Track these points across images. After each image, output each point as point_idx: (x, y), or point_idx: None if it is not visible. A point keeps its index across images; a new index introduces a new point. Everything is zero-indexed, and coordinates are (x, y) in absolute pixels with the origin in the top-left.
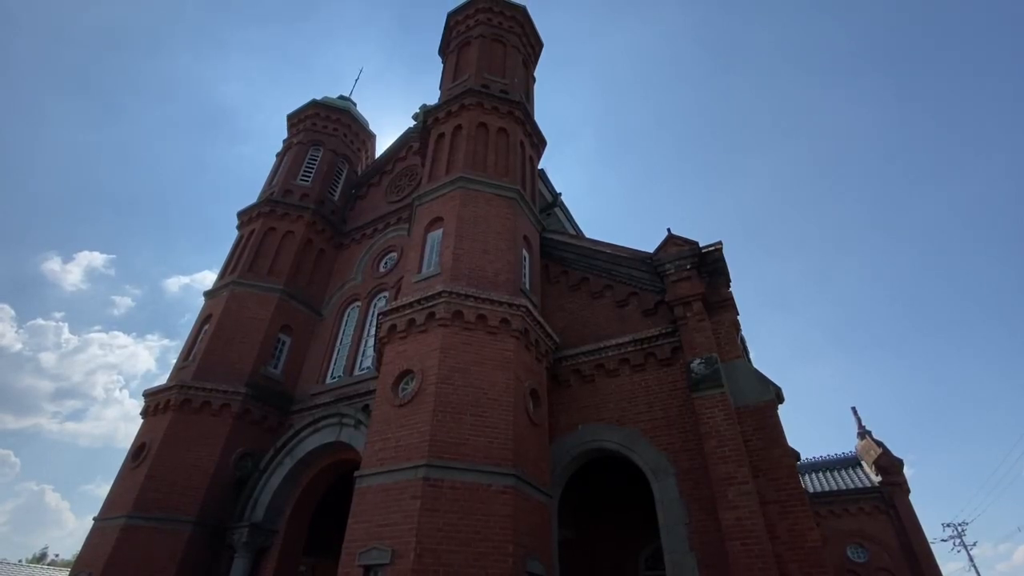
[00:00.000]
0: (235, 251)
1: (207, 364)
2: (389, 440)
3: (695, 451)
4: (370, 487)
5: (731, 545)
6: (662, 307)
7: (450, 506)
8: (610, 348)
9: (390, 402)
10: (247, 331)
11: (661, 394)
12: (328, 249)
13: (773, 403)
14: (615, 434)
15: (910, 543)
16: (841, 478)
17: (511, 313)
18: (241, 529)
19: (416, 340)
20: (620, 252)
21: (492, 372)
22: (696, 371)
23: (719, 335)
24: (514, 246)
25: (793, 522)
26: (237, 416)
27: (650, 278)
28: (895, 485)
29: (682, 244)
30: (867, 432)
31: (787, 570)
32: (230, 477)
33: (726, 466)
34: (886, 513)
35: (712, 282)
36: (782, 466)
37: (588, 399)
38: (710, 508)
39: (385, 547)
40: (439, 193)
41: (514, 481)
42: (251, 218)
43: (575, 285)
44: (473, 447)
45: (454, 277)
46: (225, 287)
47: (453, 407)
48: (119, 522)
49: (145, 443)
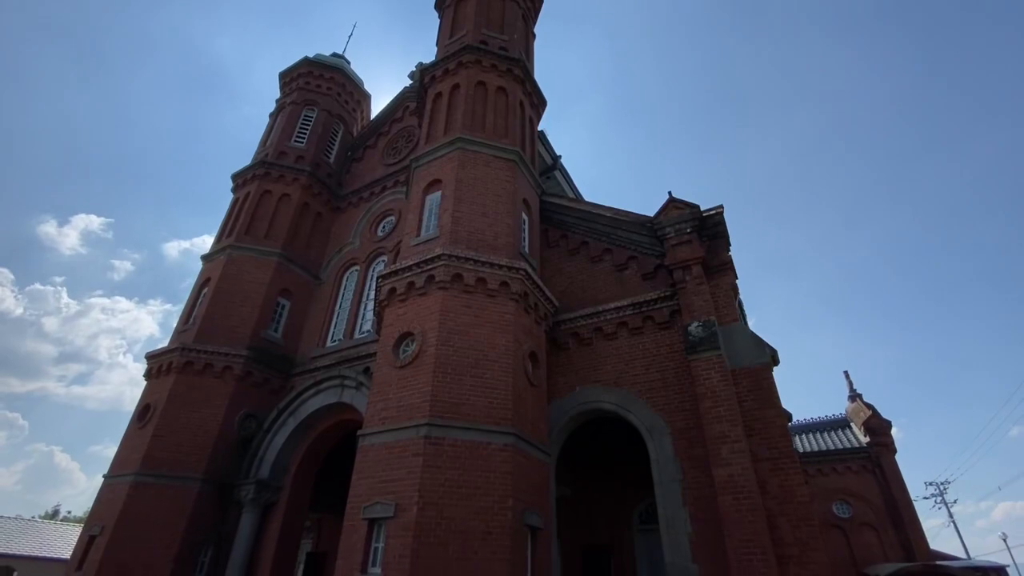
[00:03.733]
0: (231, 214)
1: (207, 327)
2: (391, 400)
3: (690, 411)
4: (373, 445)
5: (723, 500)
6: (661, 271)
7: (451, 463)
8: (608, 312)
9: (391, 364)
10: (246, 295)
11: (658, 357)
12: (325, 213)
13: (768, 365)
14: (612, 395)
15: (894, 500)
16: (830, 439)
17: (510, 276)
18: (248, 486)
19: (416, 303)
20: (620, 216)
21: (491, 334)
22: (693, 334)
23: (717, 299)
24: (513, 209)
25: (784, 479)
26: (239, 378)
27: (650, 242)
28: (882, 445)
29: (683, 208)
30: (858, 395)
31: (776, 523)
32: (235, 437)
33: (720, 425)
34: (872, 472)
35: (712, 246)
36: (775, 426)
37: (586, 361)
38: (703, 466)
39: (389, 501)
40: (437, 155)
41: (513, 440)
42: (246, 181)
43: (574, 249)
44: (473, 407)
45: (453, 240)
46: (222, 251)
47: (453, 368)
48: (128, 479)
49: (150, 404)
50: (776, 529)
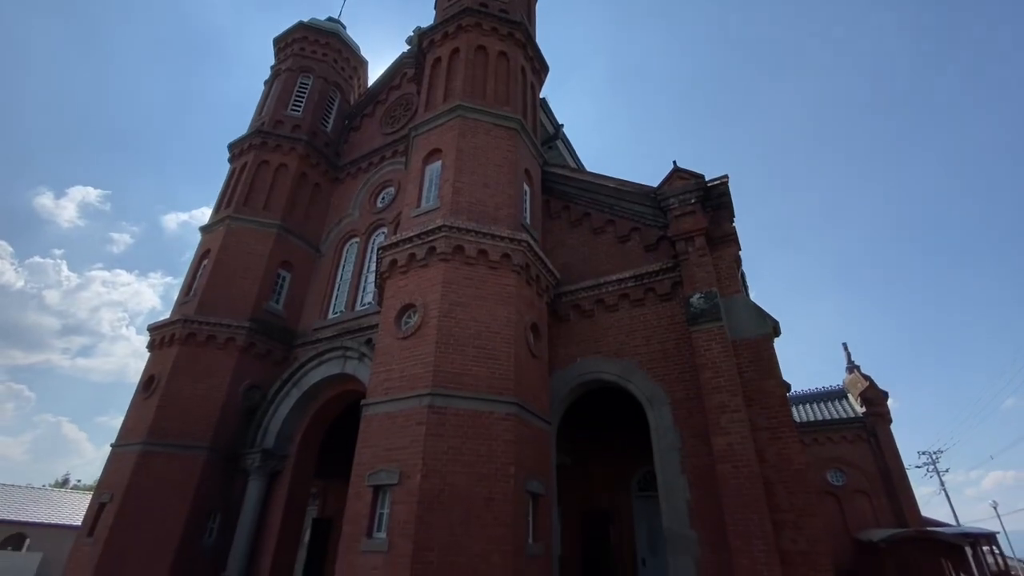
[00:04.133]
0: (228, 185)
1: (208, 299)
2: (393, 371)
3: (690, 382)
4: (376, 415)
5: (722, 468)
6: (664, 242)
7: (454, 431)
8: (610, 284)
9: (393, 335)
10: (246, 266)
11: (659, 328)
12: (323, 183)
13: (770, 337)
14: (613, 366)
15: (888, 468)
16: (827, 409)
17: (512, 248)
18: (253, 455)
19: (417, 275)
20: (624, 186)
21: (493, 307)
22: (695, 305)
23: (720, 270)
24: (515, 179)
25: (781, 447)
26: (242, 349)
27: (653, 213)
28: (878, 415)
29: (687, 178)
30: (855, 366)
31: (773, 490)
32: (239, 407)
33: (720, 395)
34: (867, 441)
35: (716, 217)
36: (774, 396)
37: (587, 333)
38: (702, 435)
39: (393, 469)
40: (437, 123)
41: (516, 409)
42: (242, 151)
43: (576, 220)
44: (475, 377)
45: (454, 211)
46: (221, 222)
47: (455, 340)
48: (136, 448)
49: (154, 375)
50: (773, 496)
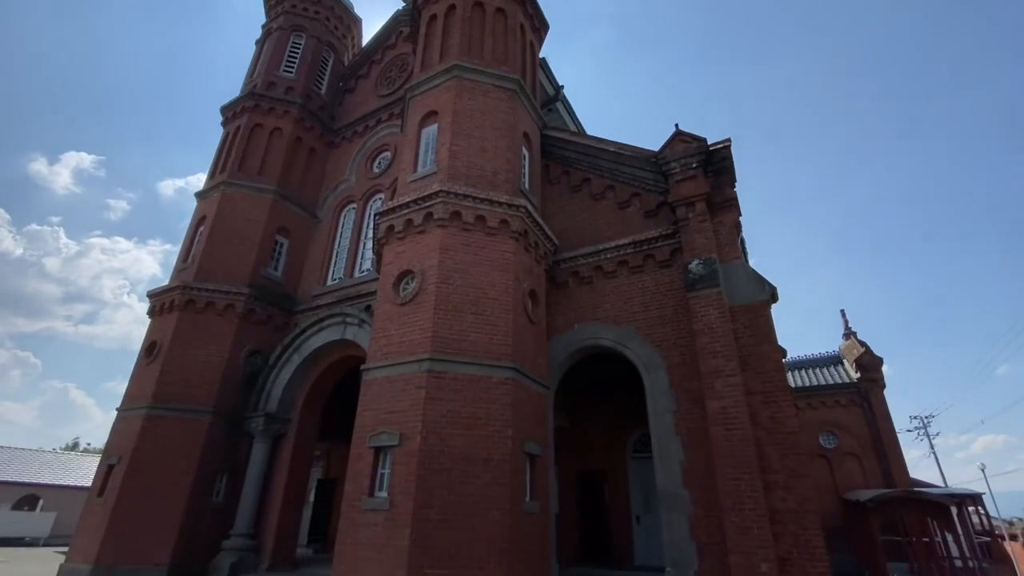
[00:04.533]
0: (222, 149)
1: (206, 265)
2: (392, 336)
3: (687, 347)
4: (376, 379)
5: (715, 430)
6: (664, 208)
7: (453, 395)
8: (609, 250)
9: (391, 301)
10: (243, 233)
11: (657, 294)
12: (319, 148)
13: (767, 302)
14: (610, 332)
15: (879, 432)
16: (822, 375)
17: (510, 214)
18: (257, 418)
19: (415, 241)
20: (624, 150)
21: (491, 273)
22: (694, 272)
23: (719, 236)
24: (513, 143)
25: (775, 411)
26: (242, 316)
27: (654, 178)
28: (872, 381)
29: (689, 141)
30: (852, 333)
31: (765, 452)
32: (241, 372)
33: (716, 360)
34: (860, 406)
35: (717, 182)
36: (770, 360)
37: (585, 299)
38: (697, 398)
39: (393, 431)
40: (433, 84)
41: (513, 374)
42: (235, 114)
43: (576, 186)
44: (473, 343)
45: (451, 176)
46: (216, 188)
47: (454, 306)
48: (141, 412)
49: (156, 341)
50: (765, 458)
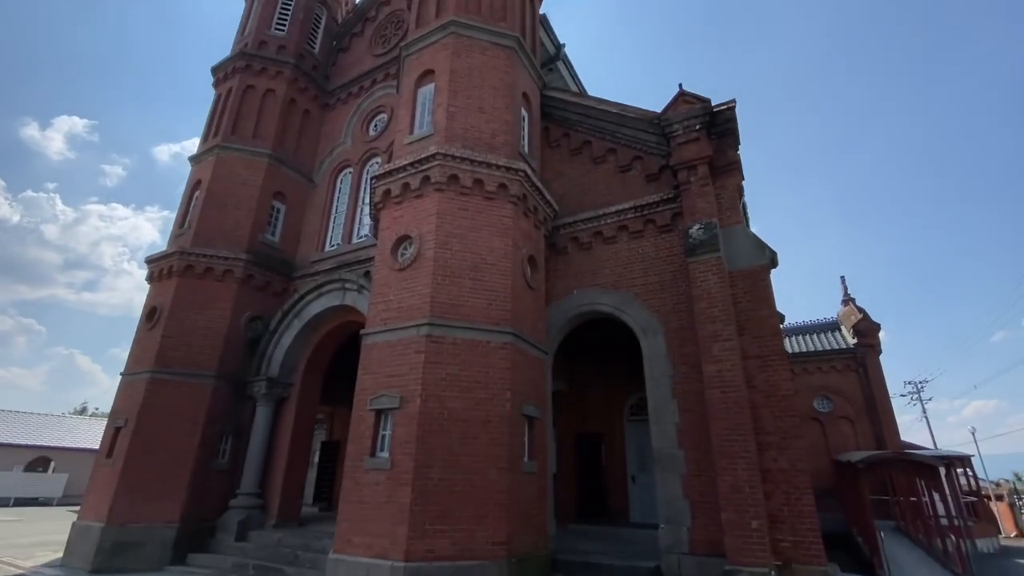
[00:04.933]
0: (215, 112)
1: (203, 231)
2: (391, 302)
3: (685, 312)
4: (376, 344)
5: (710, 393)
6: (666, 172)
7: (452, 360)
8: (609, 215)
9: (389, 266)
10: (239, 197)
11: (657, 260)
12: (313, 110)
13: (767, 267)
14: (609, 297)
15: (873, 397)
16: (819, 340)
17: (509, 178)
18: (259, 382)
19: (412, 205)
20: (627, 112)
21: (489, 238)
22: (694, 236)
23: (721, 200)
24: (512, 104)
25: (771, 374)
26: (241, 281)
27: (656, 140)
28: (868, 347)
29: (693, 102)
30: (851, 299)
31: (760, 414)
32: (242, 338)
33: (713, 325)
34: (855, 371)
35: (720, 144)
36: (767, 325)
37: (585, 265)
38: (694, 363)
39: (394, 394)
40: (429, 41)
41: (512, 339)
42: (226, 74)
43: (576, 149)
44: (472, 308)
45: (448, 138)
46: (210, 151)
47: (452, 271)
48: (145, 376)
49: (156, 307)
50: (759, 420)
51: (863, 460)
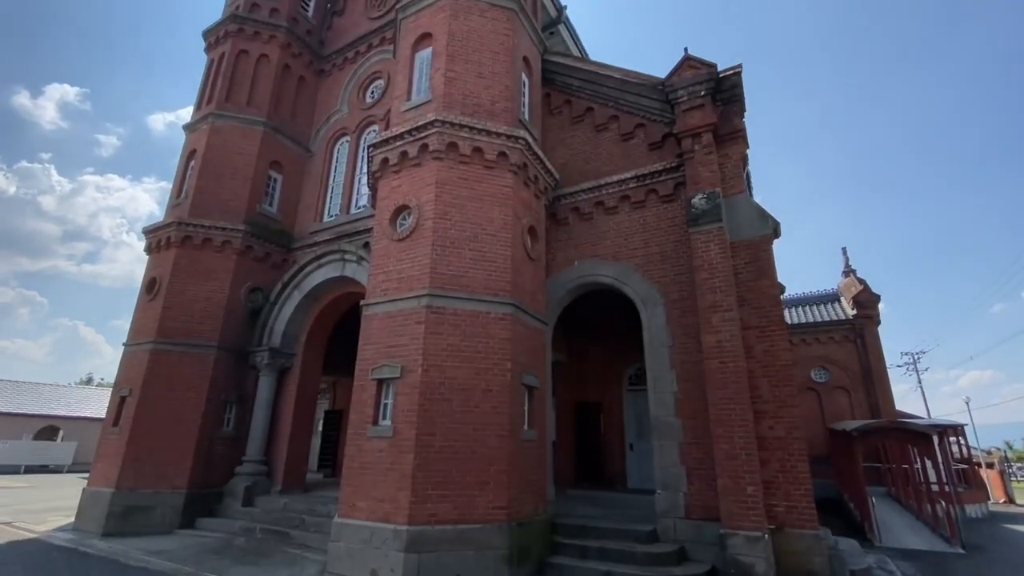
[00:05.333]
0: (208, 78)
1: (200, 201)
2: (391, 272)
3: (685, 283)
4: (376, 314)
5: (709, 363)
6: (669, 140)
7: (452, 330)
8: (611, 185)
9: (388, 236)
10: (235, 167)
11: (658, 231)
12: (308, 76)
13: (769, 237)
14: (610, 269)
15: (870, 367)
16: (818, 312)
17: (509, 146)
18: (261, 353)
19: (410, 174)
20: (630, 77)
21: (489, 208)
22: (696, 206)
23: (725, 169)
24: (512, 68)
25: (769, 344)
26: (240, 252)
27: (660, 107)
28: (867, 318)
29: (698, 67)
30: (852, 271)
31: (757, 384)
32: (243, 309)
33: (714, 296)
34: (853, 342)
35: (725, 112)
36: (767, 296)
37: (585, 236)
38: (694, 333)
39: (395, 364)
40: (426, 3)
41: (512, 310)
42: (218, 39)
43: (578, 116)
44: (472, 279)
45: (447, 105)
46: (204, 120)
47: (452, 242)
48: (148, 347)
49: (156, 277)
50: (756, 388)
51: (858, 428)
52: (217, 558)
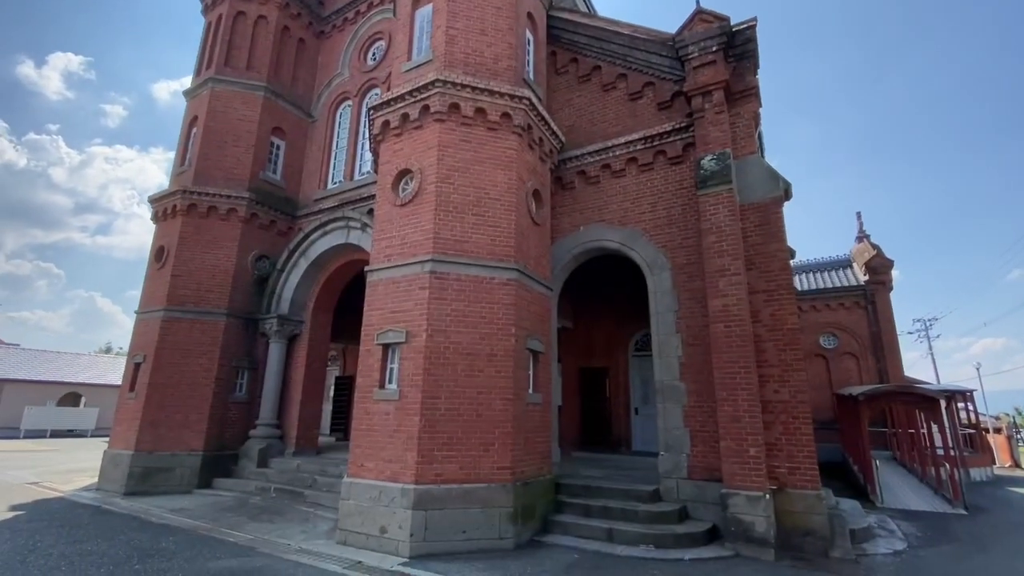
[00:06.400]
0: (206, 41)
1: (204, 168)
2: (394, 238)
3: (693, 248)
4: (380, 280)
5: (715, 328)
6: (679, 99)
7: (456, 295)
8: (618, 147)
9: (391, 202)
10: (238, 134)
11: (666, 194)
12: (308, 39)
13: (780, 199)
14: (616, 234)
15: (880, 333)
16: (830, 278)
17: (513, 107)
18: (270, 320)
19: (412, 137)
20: (639, 33)
21: (493, 172)
22: (705, 168)
23: (736, 128)
24: (516, 24)
25: (776, 308)
26: (245, 220)
27: (670, 64)
28: (879, 283)
29: (711, 20)
30: (866, 236)
31: (763, 348)
32: (251, 276)
33: (721, 259)
34: (864, 308)
35: (738, 68)
36: (776, 259)
37: (591, 200)
38: (700, 298)
39: (400, 329)
40: None
41: (516, 275)
42: (215, 0)
43: (585, 75)
44: (476, 244)
45: (448, 64)
46: (204, 85)
47: (455, 206)
48: (159, 315)
49: (163, 246)
50: (762, 352)
51: (864, 392)
52: (233, 515)
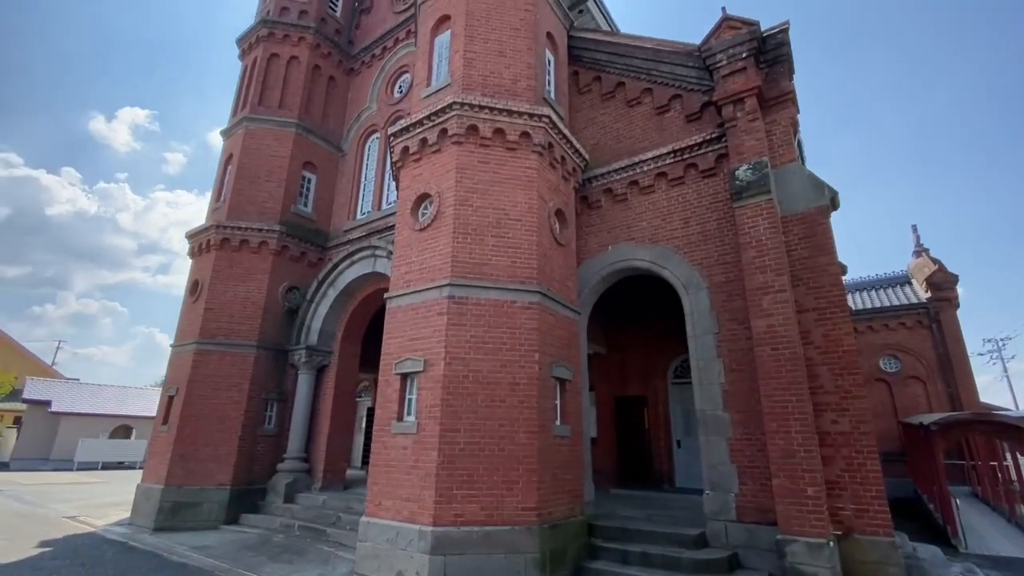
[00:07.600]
0: (242, 84)
1: (237, 204)
2: (413, 263)
3: (731, 264)
4: (400, 307)
5: (761, 351)
6: (708, 109)
7: (476, 321)
8: (646, 162)
9: (410, 227)
10: (270, 169)
11: (699, 208)
12: (338, 76)
13: (826, 209)
14: (646, 252)
15: (948, 354)
16: (887, 296)
17: (532, 125)
18: (299, 351)
19: (431, 161)
20: (664, 46)
21: (512, 192)
22: (741, 178)
23: (773, 136)
24: (535, 45)
25: (830, 328)
26: (276, 252)
27: (697, 75)
28: (944, 300)
29: (739, 26)
30: (924, 250)
31: (816, 372)
32: (281, 308)
33: (764, 275)
34: (928, 328)
35: (771, 74)
36: (827, 274)
37: (619, 219)
38: (742, 318)
39: (418, 357)
40: None
41: (539, 298)
42: (251, 45)
43: (609, 93)
44: (496, 267)
45: (466, 87)
46: (239, 124)
47: (474, 229)
48: (191, 348)
49: (198, 280)
50: (816, 378)
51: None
52: (254, 555)
